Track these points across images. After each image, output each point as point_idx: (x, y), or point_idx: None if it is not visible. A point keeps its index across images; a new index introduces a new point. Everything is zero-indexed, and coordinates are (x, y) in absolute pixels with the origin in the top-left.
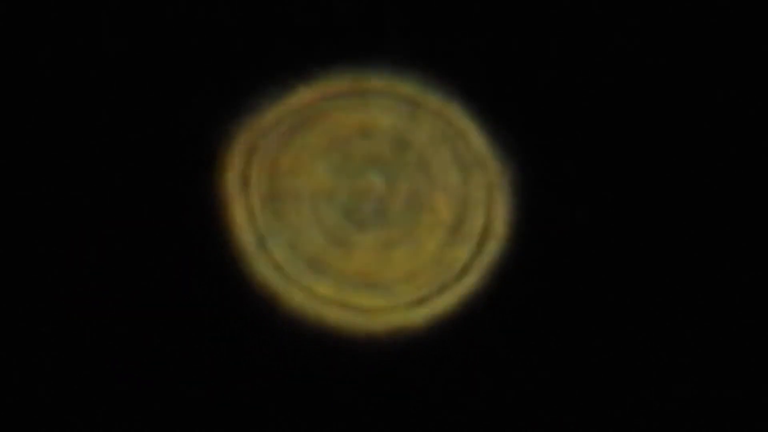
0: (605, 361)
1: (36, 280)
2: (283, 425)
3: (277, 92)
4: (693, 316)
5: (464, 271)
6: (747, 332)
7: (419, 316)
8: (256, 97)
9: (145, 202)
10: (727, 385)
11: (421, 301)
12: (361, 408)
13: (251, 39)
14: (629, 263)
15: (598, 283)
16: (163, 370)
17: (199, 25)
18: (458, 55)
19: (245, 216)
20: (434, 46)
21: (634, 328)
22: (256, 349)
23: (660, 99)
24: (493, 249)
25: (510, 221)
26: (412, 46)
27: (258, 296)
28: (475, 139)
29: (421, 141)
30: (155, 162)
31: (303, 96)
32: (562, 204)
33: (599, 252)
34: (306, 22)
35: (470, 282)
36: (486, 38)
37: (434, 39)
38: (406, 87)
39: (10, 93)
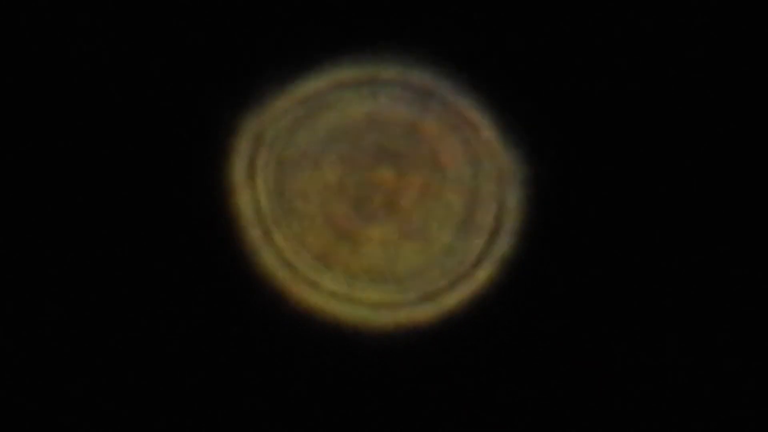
0: (618, 356)
1: (43, 270)
2: (289, 420)
3: (285, 82)
4: (706, 312)
5: (476, 265)
6: (754, 327)
7: (429, 311)
8: (264, 86)
9: (151, 194)
10: (737, 381)
11: (431, 296)
12: (369, 405)
13: (259, 28)
14: (642, 256)
15: (611, 276)
16: (168, 362)
17: (206, 13)
18: (470, 45)
19: (252, 209)
20: (446, 37)
21: (647, 321)
22: (263, 345)
23: (673, 92)
24: (504, 242)
25: (522, 214)
26: (424, 36)
27: (264, 291)
28: (487, 130)
29: (432, 133)
30: (161, 153)
31: (312, 86)
32: (574, 196)
33: (612, 245)
34: (316, 11)
35: (482, 276)
36: (498, 29)
37: (446, 29)
38: (417, 77)
39: (20, 84)
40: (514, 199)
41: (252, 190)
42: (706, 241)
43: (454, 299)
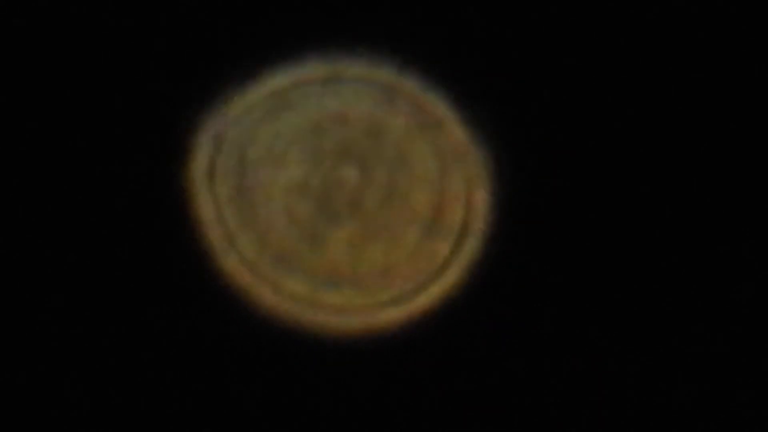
0: (588, 356)
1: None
2: (251, 425)
3: (247, 79)
4: (675, 313)
5: (443, 267)
6: (732, 322)
7: (395, 315)
8: (225, 85)
9: (109, 196)
10: (713, 381)
11: (397, 300)
12: (333, 410)
13: (221, 25)
14: (612, 257)
15: (580, 277)
16: (128, 368)
17: (167, 12)
18: (437, 41)
19: (213, 209)
20: (412, 32)
21: (616, 323)
22: (224, 349)
23: (646, 92)
24: (472, 244)
25: (490, 215)
26: (389, 32)
27: (226, 294)
28: (455, 129)
29: (397, 131)
30: (119, 153)
31: (274, 83)
32: (543, 197)
33: (581, 246)
34: (278, 8)
35: (449, 279)
36: (466, 25)
37: (411, 25)
38: (383, 74)
39: None
40: (482, 200)
41: (213, 191)
42: (679, 245)
43: (421, 303)
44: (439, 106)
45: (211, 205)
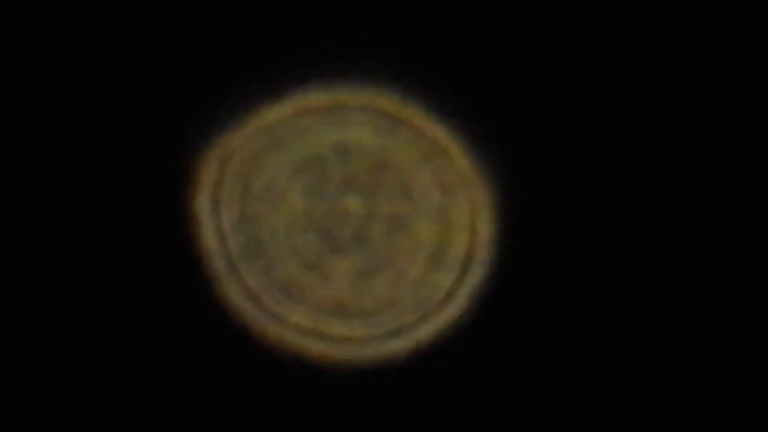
0: (594, 387)
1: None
2: None
3: (250, 109)
4: (679, 344)
5: (447, 298)
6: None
7: (400, 346)
8: (228, 115)
9: (113, 225)
10: (718, 390)
11: (401, 331)
12: None
13: (223, 55)
14: (620, 286)
15: (587, 308)
16: (130, 396)
17: (169, 40)
18: (440, 70)
19: (216, 240)
20: (415, 60)
21: (624, 352)
22: (228, 380)
23: (651, 116)
24: (477, 275)
25: (495, 246)
26: (392, 60)
27: (229, 324)
28: (458, 158)
29: (401, 161)
30: (124, 183)
31: (277, 113)
32: (548, 227)
33: (589, 276)
34: (281, 36)
35: (453, 310)
36: (470, 54)
37: (415, 52)
38: (386, 103)
39: None
40: (486, 231)
41: (216, 221)
42: (684, 273)
43: (424, 334)
44: (443, 135)
45: (215, 236)
